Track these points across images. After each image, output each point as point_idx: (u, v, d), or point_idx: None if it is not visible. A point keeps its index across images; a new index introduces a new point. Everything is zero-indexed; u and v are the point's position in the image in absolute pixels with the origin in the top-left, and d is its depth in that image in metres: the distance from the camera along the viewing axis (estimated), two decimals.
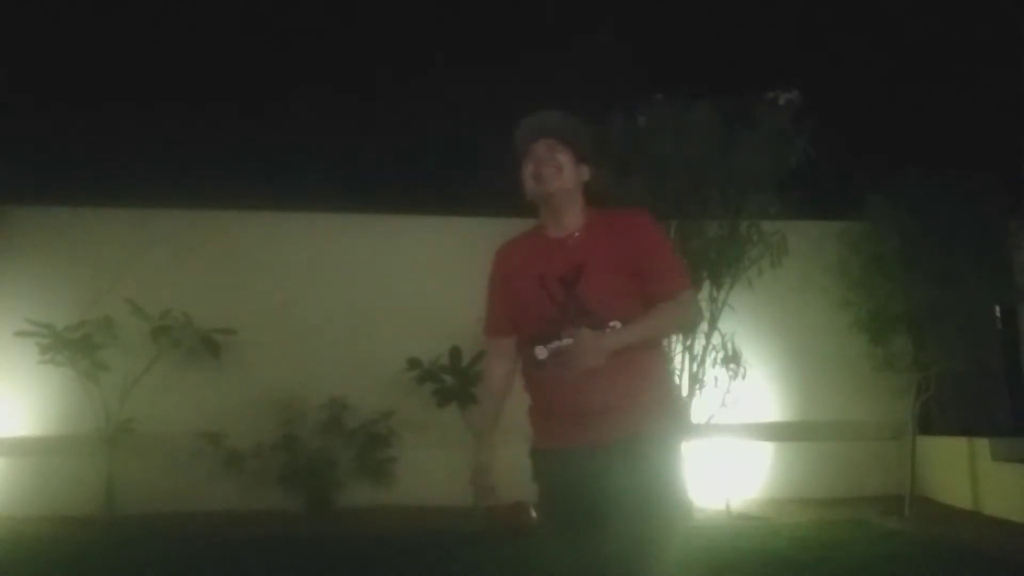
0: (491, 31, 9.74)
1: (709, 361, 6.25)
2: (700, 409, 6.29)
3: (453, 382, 6.69)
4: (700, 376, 6.24)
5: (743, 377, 6.27)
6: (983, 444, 6.48)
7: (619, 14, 9.39)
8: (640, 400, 2.12)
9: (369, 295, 7.18)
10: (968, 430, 6.83)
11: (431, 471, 6.87)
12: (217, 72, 9.37)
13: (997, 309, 7.45)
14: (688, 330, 2.15)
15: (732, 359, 6.23)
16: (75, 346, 6.37)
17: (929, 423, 7.07)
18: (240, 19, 9.57)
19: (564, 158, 2.21)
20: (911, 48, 9.69)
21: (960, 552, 5.23)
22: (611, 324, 2.08)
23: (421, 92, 9.66)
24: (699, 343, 6.28)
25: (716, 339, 6.24)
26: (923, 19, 9.54)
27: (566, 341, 2.06)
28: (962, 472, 6.66)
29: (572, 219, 2.22)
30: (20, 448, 6.56)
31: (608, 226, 2.21)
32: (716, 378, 6.26)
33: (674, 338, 6.30)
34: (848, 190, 6.75)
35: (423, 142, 9.45)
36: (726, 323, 6.24)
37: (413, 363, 6.70)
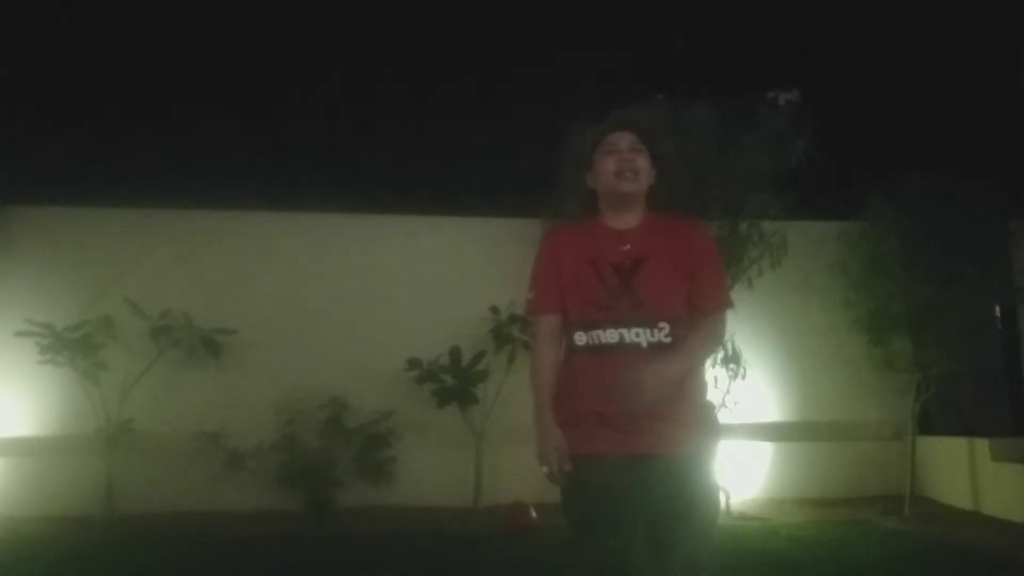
0: (491, 31, 9.74)
1: (709, 361, 6.23)
2: None
3: (453, 382, 6.69)
4: None
5: (743, 377, 6.27)
6: (983, 444, 6.48)
7: (619, 14, 9.39)
8: (683, 412, 2.09)
9: (369, 295, 7.18)
10: (968, 430, 6.83)
11: (431, 471, 6.88)
12: (217, 72, 9.37)
13: (997, 309, 7.45)
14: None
15: (732, 359, 6.23)
16: (75, 346, 6.37)
17: (929, 423, 7.07)
18: (240, 19, 9.57)
19: (643, 162, 2.22)
20: (911, 48, 9.69)
21: (960, 552, 5.23)
22: (660, 324, 2.08)
23: (421, 92, 9.67)
24: None
25: None
26: (923, 19, 9.54)
27: (609, 332, 2.05)
28: (962, 472, 6.66)
29: (632, 216, 2.24)
30: (20, 448, 6.56)
31: (668, 227, 2.24)
32: (716, 378, 6.26)
33: None
34: (848, 190, 6.75)
35: (423, 142, 9.45)
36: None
37: (413, 363, 6.70)
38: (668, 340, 2.09)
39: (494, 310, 6.75)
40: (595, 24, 9.57)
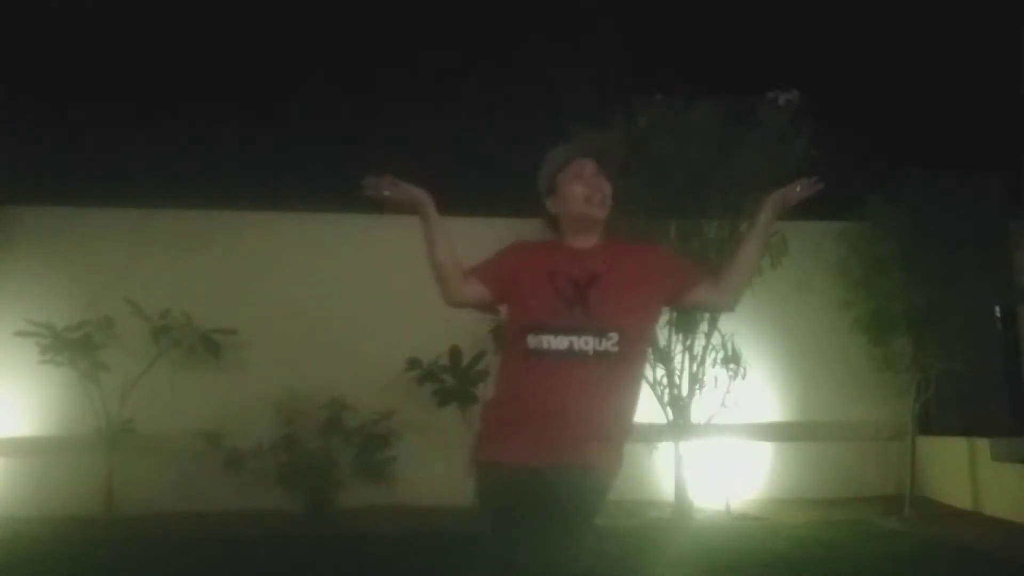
0: (491, 31, 9.74)
1: (709, 361, 6.25)
2: (700, 409, 6.30)
3: (453, 382, 6.68)
4: (700, 376, 6.25)
5: (743, 377, 6.27)
6: (983, 444, 6.48)
7: (619, 14, 9.39)
8: (610, 429, 2.18)
9: (369, 295, 7.18)
10: (968, 430, 6.83)
11: (431, 471, 6.88)
12: (217, 72, 9.37)
13: (997, 310, 7.45)
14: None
15: (732, 359, 6.23)
16: (75, 346, 6.37)
17: (929, 423, 7.07)
18: (240, 18, 9.57)
19: (607, 188, 2.31)
20: (911, 48, 9.69)
21: (960, 552, 5.24)
22: (609, 334, 2.15)
23: (421, 92, 9.67)
24: (699, 343, 6.28)
25: (716, 339, 6.24)
26: (923, 19, 9.54)
27: (559, 339, 2.13)
28: (962, 472, 6.66)
29: (591, 239, 2.33)
30: (20, 448, 6.56)
31: (624, 250, 2.38)
32: (716, 378, 6.26)
33: (674, 338, 6.31)
34: (848, 190, 6.74)
35: (423, 142, 9.45)
36: (726, 323, 6.24)
37: (413, 363, 6.70)
38: (615, 349, 2.16)
39: (494, 310, 6.74)
40: (596, 24, 9.57)
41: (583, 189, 2.27)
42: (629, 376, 2.22)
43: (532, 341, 2.16)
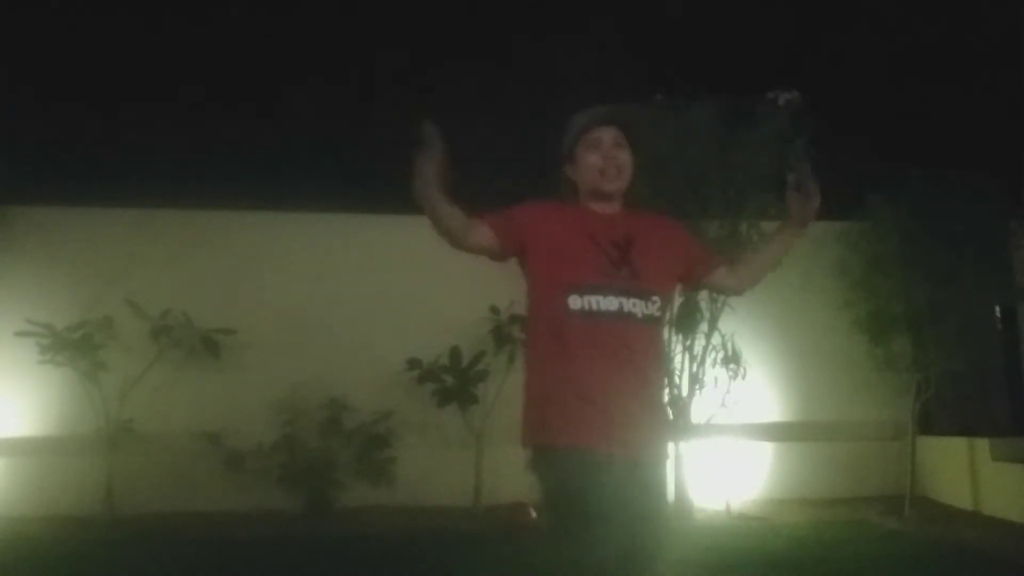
0: (490, 30, 9.74)
1: (709, 361, 6.24)
2: (700, 409, 6.29)
3: (453, 382, 6.69)
4: (700, 376, 6.24)
5: (743, 377, 6.27)
6: (983, 444, 6.48)
7: (619, 13, 9.39)
8: (656, 413, 2.18)
9: (369, 295, 7.18)
10: (968, 430, 6.83)
11: (431, 471, 6.88)
12: (217, 71, 9.37)
13: (997, 309, 7.45)
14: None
15: (732, 359, 6.23)
16: (75, 346, 6.37)
17: (929, 423, 7.07)
18: (239, 18, 9.57)
19: (625, 159, 2.26)
20: (911, 48, 9.69)
21: (960, 552, 5.23)
22: (653, 297, 2.14)
23: (421, 91, 9.66)
24: (699, 343, 6.28)
25: (716, 339, 6.24)
26: (923, 19, 9.54)
27: (609, 299, 2.08)
28: (962, 472, 6.66)
29: (613, 207, 2.30)
30: (20, 448, 6.56)
31: (643, 217, 2.33)
32: (716, 378, 6.26)
33: (674, 338, 6.31)
34: (848, 190, 6.74)
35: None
36: (726, 323, 6.24)
37: (413, 363, 6.70)
38: (658, 314, 2.16)
39: (494, 310, 6.74)
40: (595, 24, 9.57)
41: (598, 160, 2.23)
42: (663, 346, 2.23)
43: (575, 302, 2.08)
